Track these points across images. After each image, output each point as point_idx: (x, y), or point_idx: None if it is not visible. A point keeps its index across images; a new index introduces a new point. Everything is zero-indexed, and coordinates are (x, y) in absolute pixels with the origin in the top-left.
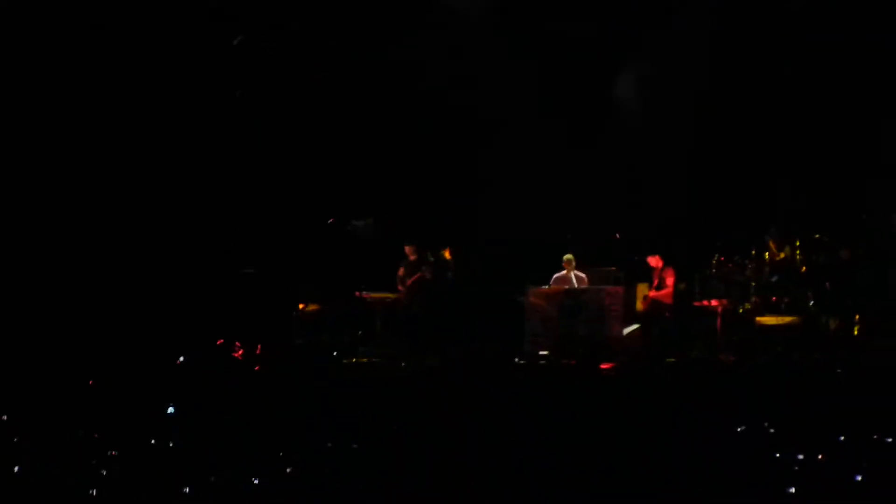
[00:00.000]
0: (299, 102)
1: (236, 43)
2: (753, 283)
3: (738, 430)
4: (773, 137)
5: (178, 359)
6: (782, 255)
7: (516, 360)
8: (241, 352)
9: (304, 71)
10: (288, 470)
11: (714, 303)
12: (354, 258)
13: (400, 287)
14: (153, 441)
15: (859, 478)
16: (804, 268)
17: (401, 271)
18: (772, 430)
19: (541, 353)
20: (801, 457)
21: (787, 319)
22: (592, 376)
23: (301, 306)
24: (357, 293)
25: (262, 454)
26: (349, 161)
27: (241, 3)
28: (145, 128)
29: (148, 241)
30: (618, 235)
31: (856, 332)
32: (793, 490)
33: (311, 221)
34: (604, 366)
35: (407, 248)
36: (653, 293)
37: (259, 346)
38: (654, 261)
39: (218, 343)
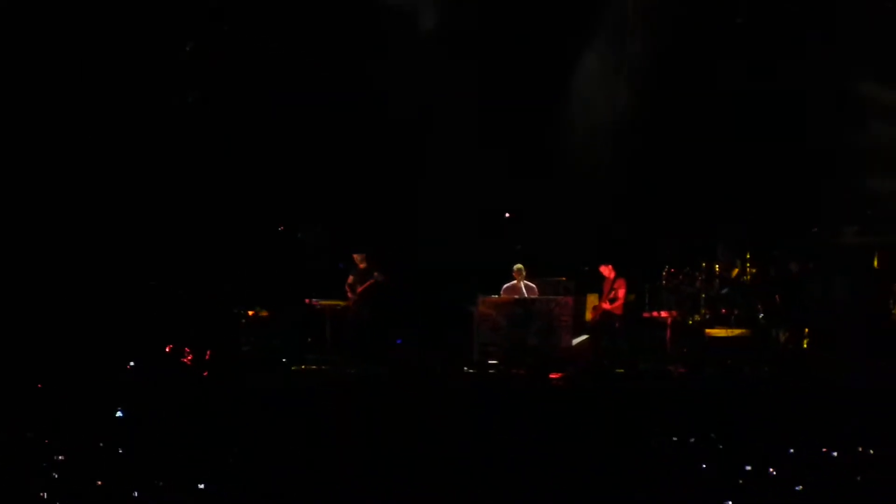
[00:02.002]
0: (250, 109)
1: (188, 49)
2: (703, 295)
3: (685, 441)
4: (722, 150)
5: (128, 364)
6: (736, 272)
7: (465, 368)
8: (189, 357)
9: (254, 79)
10: (234, 475)
11: (664, 314)
12: (304, 265)
13: (350, 294)
14: (101, 445)
15: (799, 488)
16: (754, 280)
17: (350, 279)
18: (719, 443)
19: (490, 362)
20: (748, 468)
21: (737, 332)
22: (541, 386)
23: (251, 313)
24: (307, 300)
25: (209, 460)
26: (298, 169)
27: (192, 9)
28: (92, 134)
29: (96, 246)
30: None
31: (805, 345)
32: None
33: (261, 228)
34: (553, 376)
35: (356, 257)
36: (606, 305)
37: (208, 352)
38: (607, 270)
39: (167, 349)
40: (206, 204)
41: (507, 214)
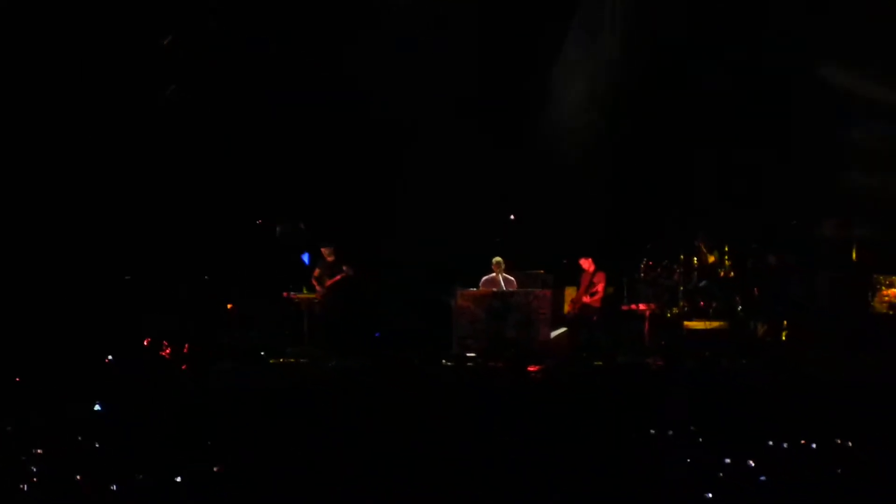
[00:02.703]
0: (228, 103)
1: (166, 43)
2: (682, 288)
3: (663, 434)
4: (701, 141)
5: (106, 357)
6: (712, 259)
7: (444, 361)
8: (168, 351)
9: (233, 73)
10: (214, 469)
11: (642, 307)
12: (283, 259)
13: (318, 287)
14: (80, 438)
15: (763, 478)
16: (732, 273)
17: (316, 272)
18: (698, 436)
19: (468, 354)
20: (727, 461)
21: (715, 324)
22: (520, 379)
23: (229, 306)
24: (285, 293)
25: (188, 453)
26: (277, 163)
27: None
28: (68, 127)
29: (73, 240)
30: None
31: (783, 338)
32: (710, 495)
33: (239, 222)
34: (531, 368)
35: (324, 250)
36: (587, 298)
37: (186, 346)
38: (587, 263)
39: (145, 342)
40: (183, 197)
41: (512, 217)
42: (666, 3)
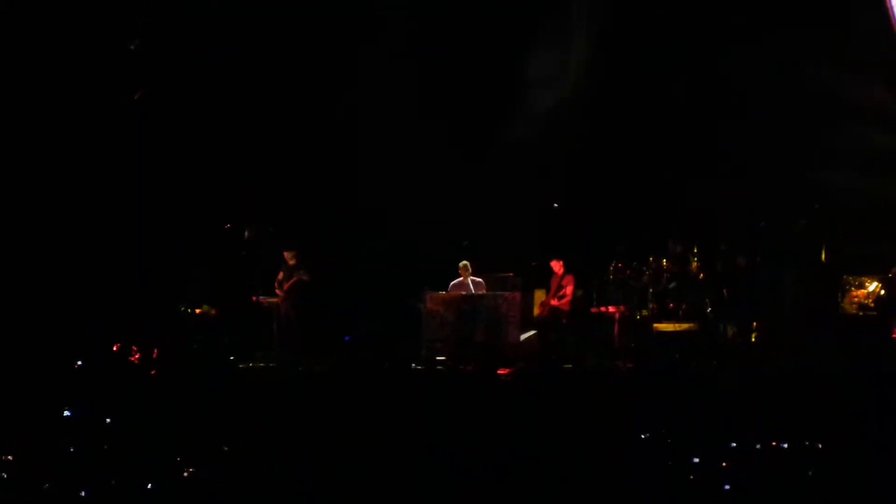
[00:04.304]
0: (196, 107)
1: (133, 47)
2: (651, 290)
3: (634, 436)
4: (670, 142)
5: (76, 363)
6: (695, 264)
7: (413, 365)
8: (137, 356)
9: (200, 75)
10: (184, 474)
11: (611, 309)
12: (252, 263)
13: (278, 291)
14: (49, 445)
15: (727, 487)
16: (702, 274)
17: (279, 275)
18: (668, 437)
19: (438, 358)
20: (696, 461)
21: (685, 326)
22: (490, 382)
23: (198, 311)
24: (254, 297)
25: (158, 458)
26: (247, 168)
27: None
28: (37, 132)
29: (42, 245)
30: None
31: (753, 339)
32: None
33: (208, 226)
34: (501, 371)
35: (286, 254)
36: (555, 302)
37: (155, 351)
38: (557, 266)
39: (114, 348)
40: (152, 202)
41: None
42: (634, 9)
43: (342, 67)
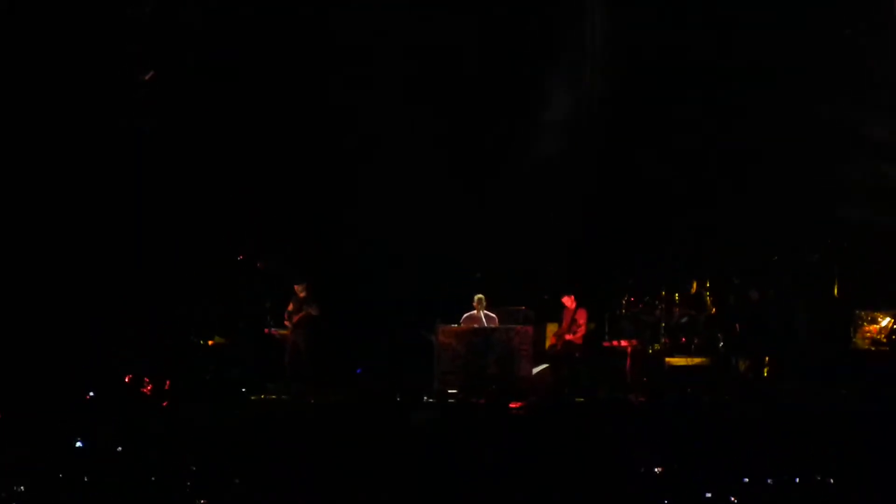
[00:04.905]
0: (210, 139)
1: (147, 78)
2: (663, 324)
3: (647, 471)
4: (681, 175)
5: (87, 394)
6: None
7: (426, 398)
8: (149, 387)
9: (214, 109)
10: None
11: (624, 343)
12: (264, 294)
13: (287, 323)
14: (61, 475)
15: None
16: (714, 309)
17: (290, 307)
18: (682, 471)
19: (450, 391)
20: (709, 496)
21: (697, 360)
22: (502, 415)
23: (210, 342)
24: (266, 329)
25: (170, 490)
26: (261, 198)
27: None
28: (49, 161)
29: (54, 277)
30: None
31: (765, 374)
32: None
33: (221, 257)
34: (513, 405)
35: (297, 287)
36: (569, 336)
37: (168, 382)
38: (569, 301)
39: (126, 379)
40: (165, 232)
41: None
42: (647, 39)
43: (352, 97)
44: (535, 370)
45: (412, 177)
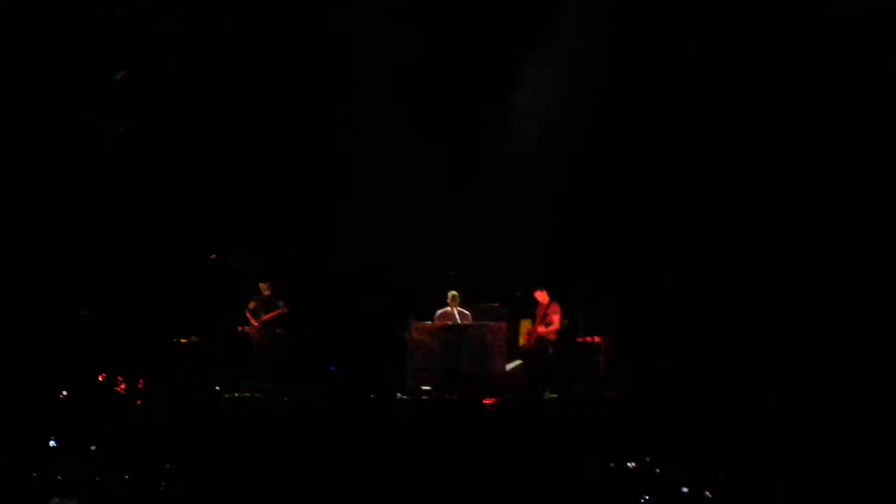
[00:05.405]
0: (183, 138)
1: (119, 77)
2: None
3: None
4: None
5: (60, 393)
6: None
7: (399, 395)
8: (123, 386)
9: (188, 108)
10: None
11: (597, 339)
12: (237, 293)
13: (252, 321)
14: (35, 475)
15: None
16: None
17: (251, 304)
18: (655, 466)
19: (424, 388)
20: (685, 490)
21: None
22: (475, 412)
23: (184, 340)
24: (239, 328)
25: (144, 488)
26: (230, 198)
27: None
28: (21, 160)
29: (26, 275)
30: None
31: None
32: None
33: (193, 257)
34: (487, 401)
35: (262, 285)
36: (541, 329)
37: (141, 381)
38: (542, 296)
39: (100, 378)
40: (138, 232)
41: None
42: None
43: (325, 94)
44: (509, 366)
45: (386, 174)
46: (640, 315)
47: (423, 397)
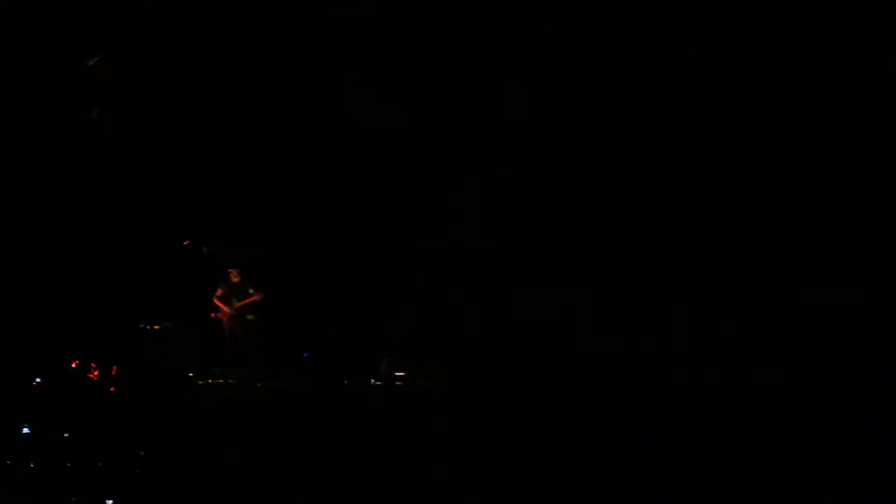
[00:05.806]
0: (155, 123)
1: (92, 63)
2: None
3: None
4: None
5: (34, 380)
6: None
7: (372, 381)
8: (96, 373)
9: (162, 91)
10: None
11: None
12: (210, 280)
13: (223, 307)
14: (8, 463)
15: None
16: None
17: (219, 292)
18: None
19: (397, 374)
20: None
21: None
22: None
23: (157, 327)
24: (213, 314)
25: (118, 475)
26: (204, 183)
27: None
28: None
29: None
30: None
31: None
32: None
33: (166, 243)
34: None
35: (231, 271)
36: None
37: (115, 368)
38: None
39: (73, 365)
40: (111, 217)
41: None
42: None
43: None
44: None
45: (359, 161)
46: None
47: (397, 383)
